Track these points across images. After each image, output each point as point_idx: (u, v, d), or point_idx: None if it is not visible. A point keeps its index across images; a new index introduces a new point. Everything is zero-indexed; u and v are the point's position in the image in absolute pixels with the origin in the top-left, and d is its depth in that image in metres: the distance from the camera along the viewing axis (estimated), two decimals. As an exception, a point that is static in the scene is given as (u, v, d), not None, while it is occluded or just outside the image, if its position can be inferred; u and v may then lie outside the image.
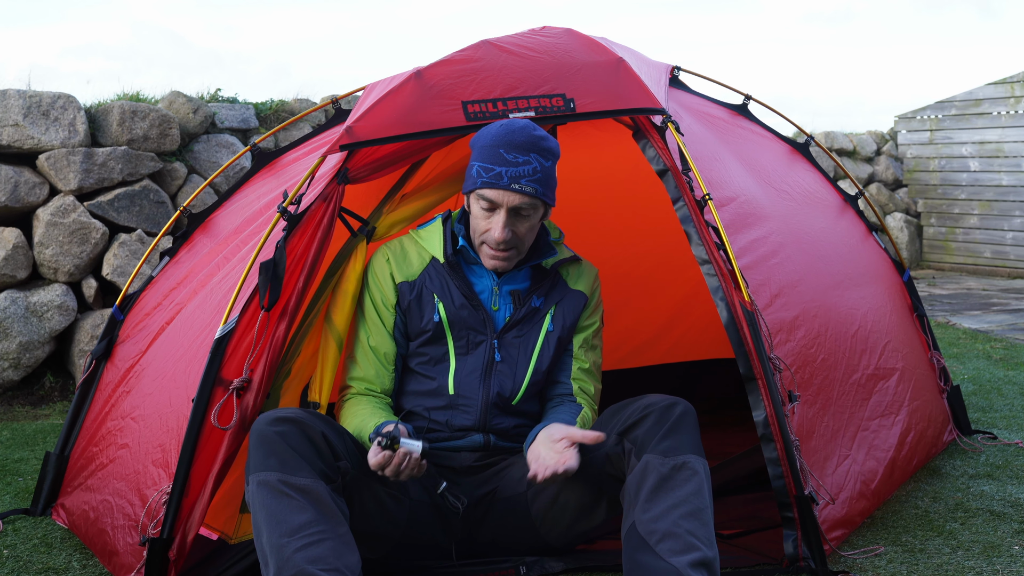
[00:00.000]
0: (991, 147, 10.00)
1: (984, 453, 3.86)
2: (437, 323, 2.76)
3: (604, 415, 2.63)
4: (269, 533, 2.28)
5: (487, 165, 2.64)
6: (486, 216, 2.68)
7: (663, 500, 2.37)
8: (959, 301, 8.37)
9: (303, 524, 2.28)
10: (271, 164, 3.75)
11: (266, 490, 2.32)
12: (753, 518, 3.13)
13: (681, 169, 2.91)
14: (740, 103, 3.99)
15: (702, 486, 2.41)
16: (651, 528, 2.35)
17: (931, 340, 4.01)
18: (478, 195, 2.67)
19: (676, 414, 2.48)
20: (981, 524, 3.11)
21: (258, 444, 2.37)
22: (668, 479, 2.39)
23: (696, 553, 2.30)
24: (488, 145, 2.66)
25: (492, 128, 2.69)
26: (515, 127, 2.67)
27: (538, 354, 2.80)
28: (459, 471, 2.77)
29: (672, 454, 2.42)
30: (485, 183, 2.64)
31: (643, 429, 2.47)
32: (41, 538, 3.20)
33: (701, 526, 2.35)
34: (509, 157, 2.63)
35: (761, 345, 2.74)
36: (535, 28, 3.22)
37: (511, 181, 2.62)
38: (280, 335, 2.71)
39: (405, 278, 2.81)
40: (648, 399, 2.55)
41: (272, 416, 2.42)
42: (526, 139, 2.64)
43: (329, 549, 2.27)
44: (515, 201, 2.64)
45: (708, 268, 2.83)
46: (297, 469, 2.34)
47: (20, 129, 5.35)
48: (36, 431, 4.63)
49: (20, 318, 5.26)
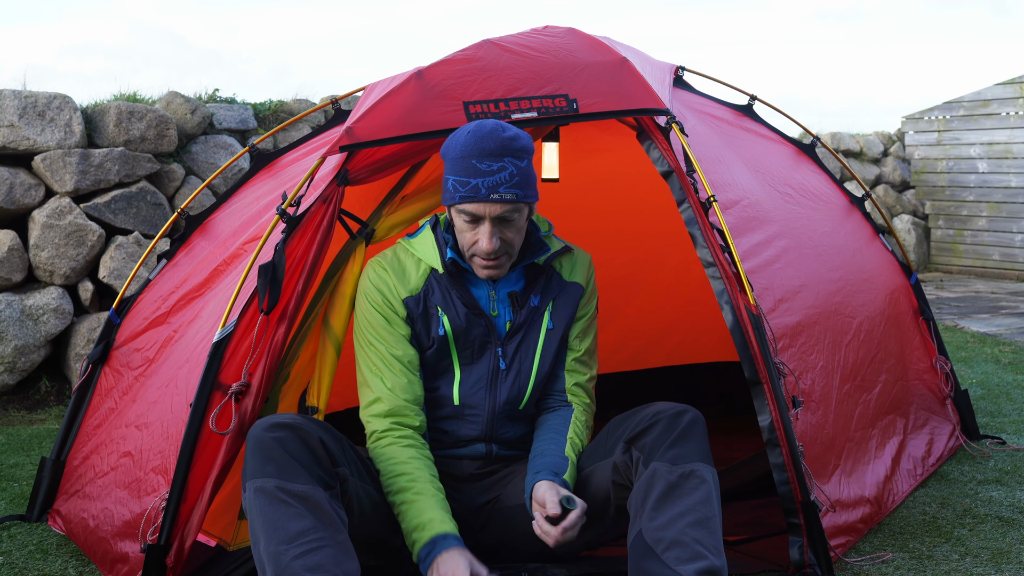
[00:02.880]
0: (1000, 148, 9.96)
1: (992, 458, 3.84)
2: (442, 337, 2.71)
3: (612, 423, 2.60)
4: (267, 540, 2.25)
5: (461, 179, 2.55)
6: (471, 228, 2.60)
7: (670, 508, 2.34)
8: (967, 304, 8.34)
9: (301, 531, 2.25)
10: (270, 165, 3.73)
11: (264, 497, 2.28)
12: (758, 524, 3.10)
13: (685, 170, 2.89)
14: (745, 103, 3.97)
15: (710, 495, 2.37)
16: (658, 536, 2.32)
17: (938, 344, 3.99)
18: (458, 210, 2.59)
19: (685, 422, 2.45)
20: (990, 530, 3.09)
21: (255, 450, 2.34)
22: (676, 487, 2.36)
23: (703, 562, 2.27)
24: (459, 157, 2.56)
25: (460, 136, 2.59)
26: (483, 132, 2.56)
27: (540, 355, 2.76)
28: (460, 478, 2.75)
29: (680, 462, 2.39)
30: (464, 197, 2.55)
31: (651, 437, 2.44)
32: (37, 544, 3.17)
33: (709, 535, 2.32)
34: (482, 167, 2.53)
35: (767, 349, 2.72)
36: (538, 27, 3.20)
37: (489, 192, 2.53)
38: (279, 339, 2.68)
39: (409, 293, 2.73)
40: (657, 407, 2.51)
41: (269, 422, 2.38)
42: (496, 144, 2.54)
43: (328, 556, 2.23)
44: (497, 211, 2.56)
45: (713, 271, 2.81)
46: (295, 476, 2.30)
47: (15, 130, 5.32)
48: (32, 436, 4.61)
49: (15, 321, 5.22)
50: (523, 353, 2.75)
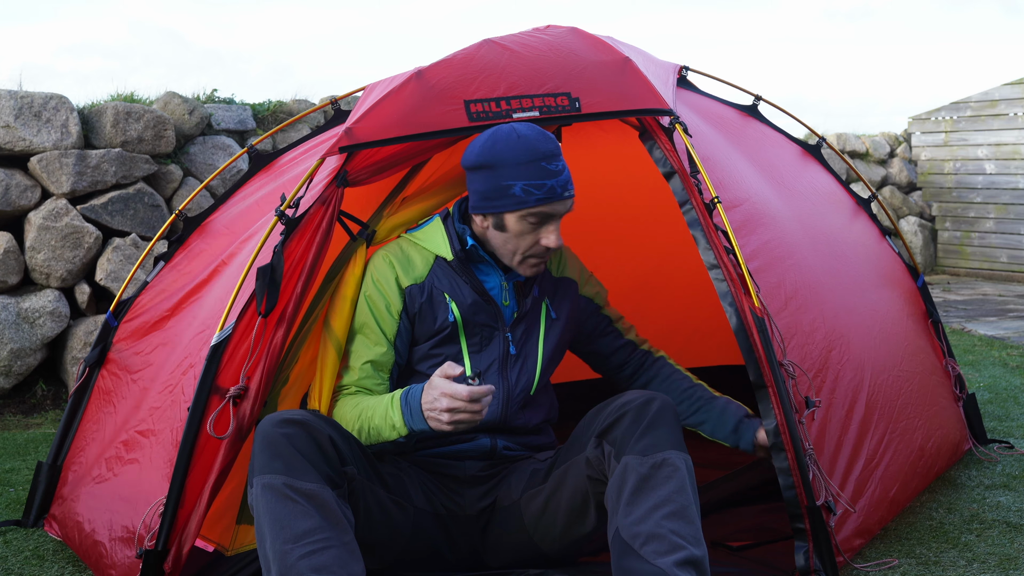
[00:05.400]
0: (1008, 149, 9.91)
1: (1000, 463, 3.81)
2: (452, 322, 2.72)
3: (586, 417, 2.59)
4: (273, 539, 2.24)
5: (536, 182, 2.58)
6: (532, 230, 2.64)
7: (644, 501, 2.32)
8: (974, 307, 8.29)
9: (308, 530, 2.23)
10: (269, 166, 3.72)
11: (271, 494, 2.27)
12: (764, 529, 3.08)
13: (689, 171, 2.87)
14: (750, 104, 3.95)
15: (684, 483, 2.34)
16: (634, 532, 2.29)
17: (946, 347, 3.96)
18: (529, 213, 2.61)
19: (653, 410, 2.42)
20: (997, 536, 3.06)
21: (264, 446, 2.33)
22: (648, 479, 2.33)
23: (682, 552, 2.25)
24: (525, 162, 2.59)
25: (511, 141, 2.61)
26: (532, 134, 2.62)
27: (544, 340, 2.79)
28: (462, 481, 2.72)
29: (651, 452, 2.36)
30: (540, 200, 2.59)
31: (620, 430, 2.42)
32: (33, 550, 3.16)
33: (686, 524, 2.30)
34: (551, 168, 2.60)
35: (772, 352, 2.70)
36: (539, 27, 3.19)
37: (563, 190, 2.61)
38: (278, 342, 2.66)
39: (413, 281, 2.75)
40: (624, 397, 2.50)
41: (278, 418, 2.38)
42: (552, 145, 2.62)
43: (334, 557, 2.22)
44: (568, 208, 2.65)
45: (717, 273, 2.79)
46: (303, 473, 2.29)
47: (11, 131, 5.29)
48: (28, 440, 4.59)
49: (11, 324, 5.19)
50: (529, 338, 2.78)
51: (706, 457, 3.83)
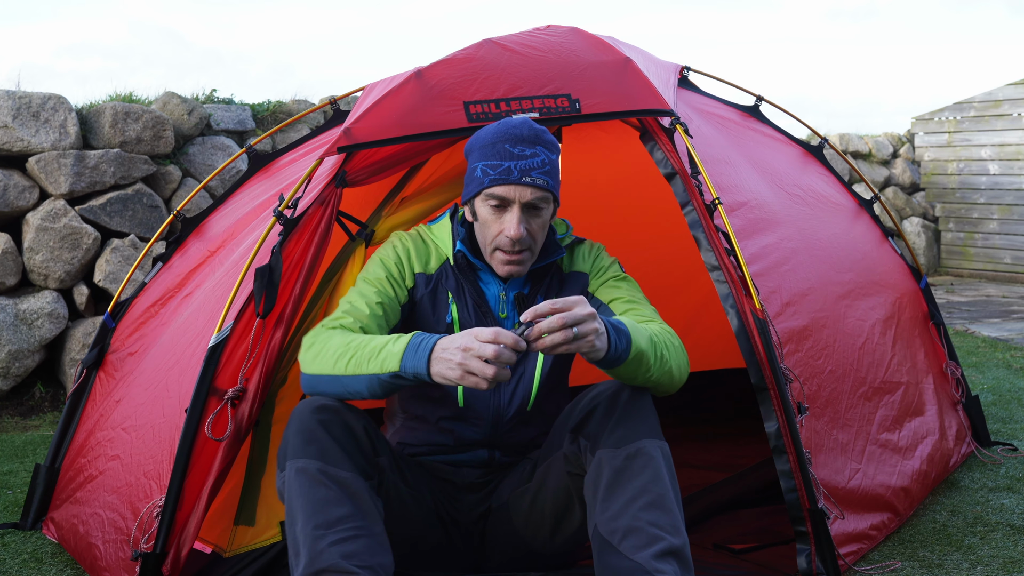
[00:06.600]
0: (1011, 149, 9.89)
1: (1004, 465, 3.79)
2: (448, 324, 2.66)
3: (563, 413, 2.53)
4: (304, 522, 2.23)
5: (493, 162, 2.51)
6: (496, 217, 2.54)
7: (620, 495, 2.28)
8: (978, 309, 8.28)
9: (341, 518, 2.23)
10: (268, 167, 3.71)
11: (305, 478, 2.26)
12: (766, 532, 3.07)
13: (690, 172, 2.85)
14: (752, 104, 3.94)
15: (660, 471, 2.29)
16: (612, 527, 2.26)
17: (948, 349, 3.95)
18: (487, 195, 2.53)
19: (623, 400, 2.38)
20: (1001, 539, 3.05)
21: (298, 430, 2.31)
22: (622, 471, 2.29)
23: (661, 544, 2.21)
24: (490, 143, 2.53)
25: (490, 128, 2.58)
26: (514, 122, 2.56)
27: (542, 359, 2.69)
28: (460, 487, 2.69)
29: (624, 443, 2.32)
30: (494, 180, 2.50)
31: (593, 423, 2.38)
32: (31, 553, 3.14)
33: (663, 514, 2.25)
34: (515, 151, 2.51)
35: (773, 354, 2.69)
36: (539, 27, 3.18)
37: (522, 175, 2.50)
38: (276, 343, 2.65)
39: (423, 270, 2.70)
40: (596, 389, 2.45)
41: (315, 404, 2.36)
42: (529, 132, 2.53)
43: (364, 546, 2.21)
44: (527, 196, 2.51)
45: (718, 275, 2.78)
46: (338, 461, 2.29)
47: (9, 131, 5.27)
48: (25, 442, 4.57)
49: (9, 326, 5.18)
50: (527, 357, 2.68)
51: (709, 459, 3.84)
